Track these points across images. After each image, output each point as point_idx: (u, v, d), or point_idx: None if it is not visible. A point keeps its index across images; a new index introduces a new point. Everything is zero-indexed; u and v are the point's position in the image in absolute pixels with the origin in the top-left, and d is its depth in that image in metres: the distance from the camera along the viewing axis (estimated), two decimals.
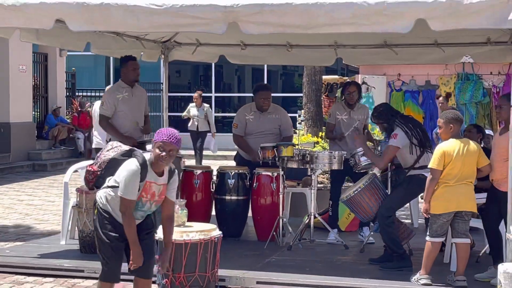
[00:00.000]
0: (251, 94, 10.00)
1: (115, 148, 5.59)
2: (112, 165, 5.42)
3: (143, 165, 5.16)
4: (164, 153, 5.15)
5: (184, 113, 17.79)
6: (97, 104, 10.72)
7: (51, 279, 6.97)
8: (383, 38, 9.41)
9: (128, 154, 5.38)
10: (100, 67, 28.63)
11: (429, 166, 6.52)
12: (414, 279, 6.55)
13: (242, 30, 6.55)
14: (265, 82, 26.30)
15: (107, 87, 10.65)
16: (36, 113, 20.32)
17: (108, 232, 5.27)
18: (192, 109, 17.35)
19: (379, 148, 8.35)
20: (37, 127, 19.81)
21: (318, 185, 10.71)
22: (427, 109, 14.55)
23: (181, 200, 6.37)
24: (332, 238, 8.38)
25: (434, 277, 6.58)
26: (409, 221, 9.87)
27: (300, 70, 21.95)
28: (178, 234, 6.09)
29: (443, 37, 9.03)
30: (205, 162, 16.53)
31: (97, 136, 10.96)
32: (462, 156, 6.40)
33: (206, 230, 6.29)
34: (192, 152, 17.35)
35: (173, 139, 5.19)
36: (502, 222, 6.71)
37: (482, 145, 7.76)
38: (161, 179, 5.27)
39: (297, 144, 8.76)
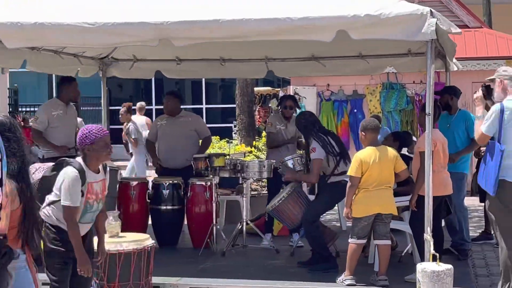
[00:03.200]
0: (191, 106, 10.37)
1: (40, 168, 5.63)
2: (45, 184, 5.42)
3: (80, 169, 5.21)
4: (110, 148, 5.28)
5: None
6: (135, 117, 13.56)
7: None
8: (311, 51, 9.78)
9: (58, 168, 5.37)
10: (43, 83, 28.58)
11: (348, 174, 6.89)
12: (339, 280, 6.88)
13: (175, 44, 6.84)
14: (204, 93, 26.65)
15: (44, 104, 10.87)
16: None
17: (57, 247, 5.24)
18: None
19: None
20: None
21: (252, 193, 11.07)
22: (354, 117, 15.04)
23: (115, 211, 6.61)
24: (265, 243, 8.71)
25: (359, 278, 6.89)
26: (338, 224, 10.28)
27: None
28: (112, 245, 6.31)
29: (367, 49, 9.43)
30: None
31: None
32: (379, 162, 6.77)
33: (140, 240, 6.52)
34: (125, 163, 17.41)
35: (105, 131, 5.31)
36: None
37: (401, 152, 8.19)
38: (99, 176, 5.38)
39: (228, 154, 9.07)
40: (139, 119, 17.24)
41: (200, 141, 9.52)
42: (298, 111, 9.56)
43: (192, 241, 8.88)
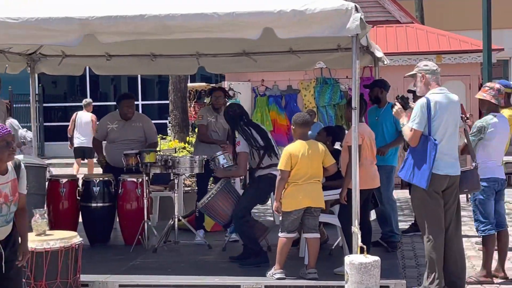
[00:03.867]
0: None
1: None
2: None
3: None
4: (12, 147, 4.97)
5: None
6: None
7: None
8: (242, 47, 9.80)
9: None
10: None
11: (278, 168, 6.92)
12: (269, 273, 6.90)
13: (99, 39, 6.77)
14: (140, 90, 26.43)
15: None
16: None
17: None
18: None
19: None
20: None
21: (186, 188, 11.05)
22: (289, 112, 15.13)
23: (41, 209, 6.51)
24: (198, 239, 8.70)
25: (290, 271, 6.93)
26: (272, 218, 10.33)
27: None
28: (39, 243, 6.22)
29: (298, 44, 9.49)
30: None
31: (79, 137, 15.77)
32: (308, 156, 6.82)
33: (67, 238, 6.44)
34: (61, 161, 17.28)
35: (6, 129, 4.97)
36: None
37: (335, 147, 8.27)
38: (5, 177, 5.02)
39: (159, 150, 9.02)
40: (85, 116, 17.12)
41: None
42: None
43: (124, 238, 8.81)
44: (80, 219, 8.92)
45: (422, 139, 6.48)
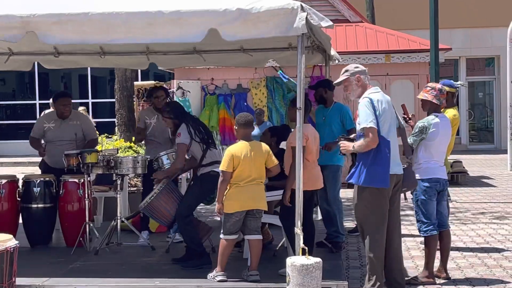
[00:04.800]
0: (77, 100, 10.10)
1: None
2: None
3: None
4: None
5: None
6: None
7: None
8: (193, 44, 9.68)
9: None
10: None
11: (219, 169, 6.83)
12: (211, 276, 6.81)
13: (40, 39, 6.63)
14: (90, 88, 26.15)
15: None
16: None
17: None
18: None
19: None
20: None
21: (132, 189, 10.92)
22: (239, 111, 15.04)
23: None
24: (141, 241, 8.57)
25: (233, 273, 6.86)
26: (219, 218, 10.22)
27: None
28: None
29: (249, 42, 9.39)
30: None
31: None
32: (250, 157, 6.74)
33: (1, 241, 6.25)
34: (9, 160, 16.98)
35: None
36: None
37: (279, 147, 8.20)
38: None
39: (101, 151, 8.86)
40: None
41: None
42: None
43: (65, 240, 8.66)
44: (21, 221, 8.72)
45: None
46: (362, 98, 6.47)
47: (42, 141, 9.29)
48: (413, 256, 8.52)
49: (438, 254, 7.44)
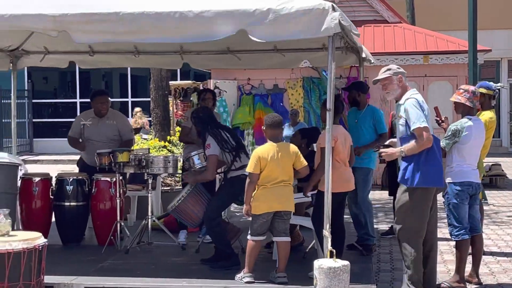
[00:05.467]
0: (118, 99, 10.19)
1: None
2: None
3: None
4: None
5: None
6: None
7: None
8: (226, 44, 9.69)
9: None
10: None
11: (246, 170, 6.80)
12: (238, 277, 6.79)
13: (73, 39, 6.69)
14: (130, 87, 26.34)
15: None
16: None
17: None
18: None
19: None
20: None
21: (165, 188, 10.94)
22: (275, 111, 14.98)
23: (5, 209, 6.37)
24: (182, 240, 8.59)
25: (262, 274, 6.82)
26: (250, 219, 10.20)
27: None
28: (1, 244, 6.08)
29: (282, 42, 9.37)
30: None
31: None
32: (277, 159, 6.69)
33: (30, 239, 6.29)
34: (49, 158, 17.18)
35: None
36: None
37: (310, 149, 8.15)
38: None
39: (133, 150, 8.89)
40: None
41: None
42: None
43: (97, 238, 8.70)
44: (53, 219, 8.80)
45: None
46: (407, 99, 6.39)
47: (80, 140, 9.37)
48: (445, 260, 8.40)
49: (470, 258, 7.33)
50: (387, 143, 6.76)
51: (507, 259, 8.48)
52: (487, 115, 8.09)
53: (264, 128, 6.88)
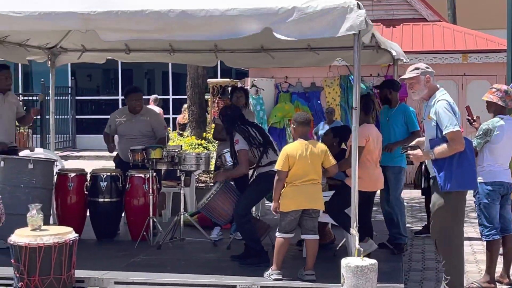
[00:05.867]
0: (162, 96, 10.35)
1: None
2: None
3: None
4: None
5: None
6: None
7: None
8: (260, 42, 9.74)
9: None
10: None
11: (275, 168, 6.82)
12: (267, 274, 6.81)
13: (101, 37, 6.80)
14: (171, 84, 26.53)
15: None
16: None
17: None
18: None
19: None
20: None
21: (200, 185, 11.02)
22: (312, 109, 15.02)
23: (37, 204, 6.50)
24: (214, 236, 8.67)
25: (291, 272, 6.83)
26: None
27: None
28: (32, 238, 6.23)
29: (316, 41, 9.39)
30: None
31: None
32: (306, 157, 6.69)
33: (61, 233, 6.42)
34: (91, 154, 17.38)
35: None
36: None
37: (341, 147, 8.14)
38: None
39: (165, 146, 8.98)
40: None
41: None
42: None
43: (131, 234, 8.79)
44: (88, 214, 8.94)
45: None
46: (438, 101, 6.25)
47: (116, 136, 9.49)
48: (477, 260, 8.34)
49: (501, 259, 7.26)
50: (413, 143, 6.68)
51: None
52: None
53: (294, 126, 6.90)
